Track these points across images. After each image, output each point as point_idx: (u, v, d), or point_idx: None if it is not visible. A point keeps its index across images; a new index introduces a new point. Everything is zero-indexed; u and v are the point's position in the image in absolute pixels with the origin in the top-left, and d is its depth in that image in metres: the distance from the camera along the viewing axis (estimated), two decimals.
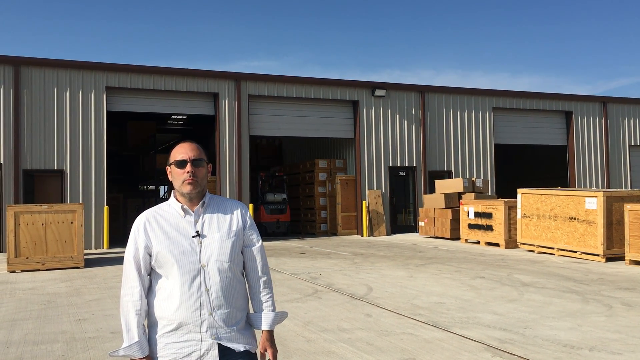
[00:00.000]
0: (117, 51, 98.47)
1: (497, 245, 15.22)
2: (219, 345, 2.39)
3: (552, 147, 24.22)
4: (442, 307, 7.29)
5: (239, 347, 2.43)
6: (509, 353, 5.20)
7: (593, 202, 12.18)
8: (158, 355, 2.39)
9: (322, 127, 20.03)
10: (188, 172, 2.45)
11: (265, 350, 2.51)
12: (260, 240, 2.62)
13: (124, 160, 27.97)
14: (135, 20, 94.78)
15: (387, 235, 19.88)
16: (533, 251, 13.86)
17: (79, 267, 11.97)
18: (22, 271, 11.59)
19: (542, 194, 13.76)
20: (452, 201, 17.84)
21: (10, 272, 11.50)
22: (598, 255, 11.97)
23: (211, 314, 2.38)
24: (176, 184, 2.49)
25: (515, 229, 14.83)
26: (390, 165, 20.47)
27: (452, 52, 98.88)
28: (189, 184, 2.45)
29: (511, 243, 14.87)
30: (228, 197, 17.39)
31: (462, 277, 9.87)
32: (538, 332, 5.92)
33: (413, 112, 20.90)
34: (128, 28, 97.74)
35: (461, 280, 9.53)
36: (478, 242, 16.06)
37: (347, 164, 21.46)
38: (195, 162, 2.47)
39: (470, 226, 16.28)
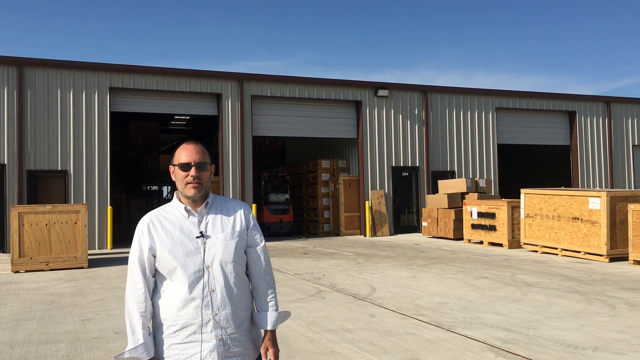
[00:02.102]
0: (120, 52, 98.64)
1: (501, 245, 15.20)
2: (225, 352, 2.40)
3: (555, 147, 24.18)
4: (446, 308, 7.29)
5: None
6: (512, 353, 5.19)
7: (596, 202, 12.16)
8: (164, 356, 2.40)
9: (325, 127, 20.03)
10: (192, 175, 2.46)
11: (267, 349, 2.52)
12: (264, 240, 2.62)
13: (127, 161, 28.01)
14: (138, 21, 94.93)
15: (390, 235, 19.87)
16: (536, 251, 13.84)
17: (82, 268, 12.00)
18: (26, 271, 11.63)
19: (545, 194, 13.74)
20: (455, 201, 17.82)
21: (15, 273, 11.53)
22: (601, 255, 11.95)
23: (216, 314, 2.39)
24: (180, 186, 2.49)
25: (519, 229, 14.82)
26: (393, 165, 20.46)
27: (454, 52, 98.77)
28: (193, 187, 2.46)
29: (514, 243, 14.85)
30: (231, 197, 17.46)
31: (465, 277, 9.87)
32: (541, 333, 5.92)
33: (416, 112, 20.89)
34: (131, 29, 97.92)
35: (464, 280, 9.52)
36: (481, 243, 16.04)
37: (350, 164, 21.46)
38: (199, 166, 2.47)
39: (474, 226, 16.27)
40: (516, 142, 23.05)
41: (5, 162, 15.73)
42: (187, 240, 2.43)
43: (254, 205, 18.03)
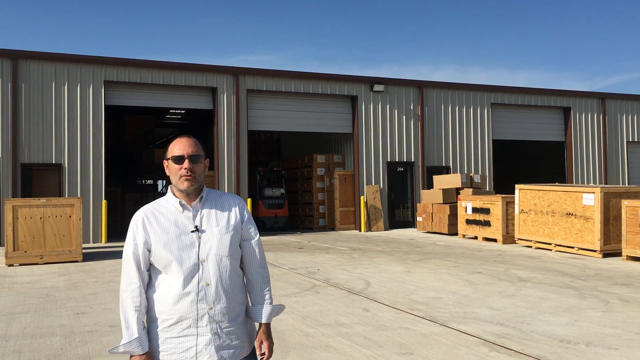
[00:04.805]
0: (115, 45, 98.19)
1: (495, 240, 15.25)
2: (221, 346, 2.41)
3: (550, 143, 24.24)
4: (440, 302, 7.31)
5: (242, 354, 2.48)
6: (505, 348, 5.22)
7: (590, 198, 12.20)
8: (159, 350, 2.40)
9: (320, 122, 20.02)
10: (185, 168, 2.45)
11: (262, 342, 2.53)
12: (258, 234, 2.63)
13: (122, 155, 27.95)
14: (134, 15, 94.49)
15: (385, 230, 19.91)
16: (530, 247, 13.89)
17: (77, 261, 11.98)
18: (21, 265, 11.60)
19: (539, 190, 13.78)
20: (450, 197, 17.86)
21: (9, 266, 11.51)
22: (595, 251, 12.00)
23: (211, 308, 2.39)
24: (173, 179, 2.49)
25: (513, 224, 14.86)
26: (389, 160, 20.47)
27: (450, 48, 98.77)
28: (186, 180, 2.45)
29: (509, 239, 14.90)
30: (226, 192, 17.45)
31: (459, 272, 9.90)
32: (535, 327, 5.95)
33: (411, 108, 20.90)
34: (126, 22, 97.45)
35: (459, 275, 9.56)
36: (476, 238, 16.09)
37: (345, 159, 21.46)
38: (192, 158, 2.47)
39: (468, 222, 16.31)
40: (511, 138, 23.10)
41: (0, 155, 15.67)
42: (182, 235, 2.43)
43: (249, 200, 18.02)
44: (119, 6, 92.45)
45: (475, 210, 16.01)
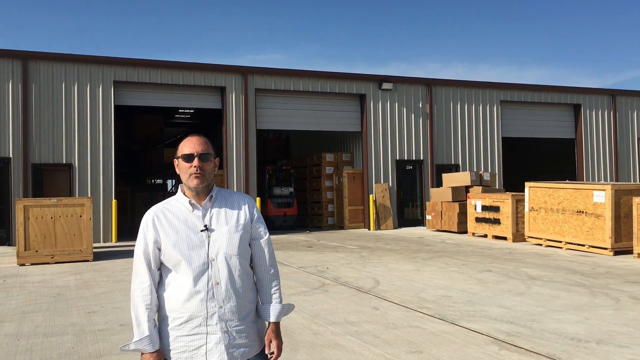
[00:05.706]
0: (124, 45, 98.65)
1: (505, 238, 15.19)
2: (231, 344, 2.42)
3: (560, 141, 24.09)
4: (449, 301, 7.30)
5: (252, 352, 2.49)
6: (515, 346, 5.21)
7: (601, 196, 12.12)
8: (170, 348, 2.42)
9: (329, 120, 20.02)
10: (195, 166, 2.47)
11: (271, 341, 2.54)
12: (268, 233, 2.64)
13: (131, 154, 28.09)
14: (142, 15, 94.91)
15: (394, 228, 19.89)
16: (540, 245, 13.83)
17: (87, 260, 12.06)
18: (32, 264, 11.69)
19: (549, 188, 13.71)
20: (460, 195, 17.81)
21: (20, 265, 11.60)
22: (606, 248, 11.93)
23: (221, 307, 2.41)
24: (183, 177, 2.51)
25: (523, 222, 14.80)
26: (398, 158, 20.44)
27: (458, 45, 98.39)
28: (196, 177, 2.47)
29: (518, 237, 14.83)
30: (235, 190, 17.49)
31: (469, 270, 9.88)
32: (545, 326, 5.92)
33: (420, 106, 20.84)
34: (135, 22, 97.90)
35: (468, 273, 9.53)
36: (485, 236, 16.04)
37: (354, 158, 21.45)
38: (202, 157, 2.49)
39: (478, 220, 16.25)
40: (521, 135, 22.98)
41: (11, 156, 15.79)
42: (192, 234, 2.45)
43: (258, 199, 18.06)
44: (127, 6, 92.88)
45: (484, 208, 15.95)
